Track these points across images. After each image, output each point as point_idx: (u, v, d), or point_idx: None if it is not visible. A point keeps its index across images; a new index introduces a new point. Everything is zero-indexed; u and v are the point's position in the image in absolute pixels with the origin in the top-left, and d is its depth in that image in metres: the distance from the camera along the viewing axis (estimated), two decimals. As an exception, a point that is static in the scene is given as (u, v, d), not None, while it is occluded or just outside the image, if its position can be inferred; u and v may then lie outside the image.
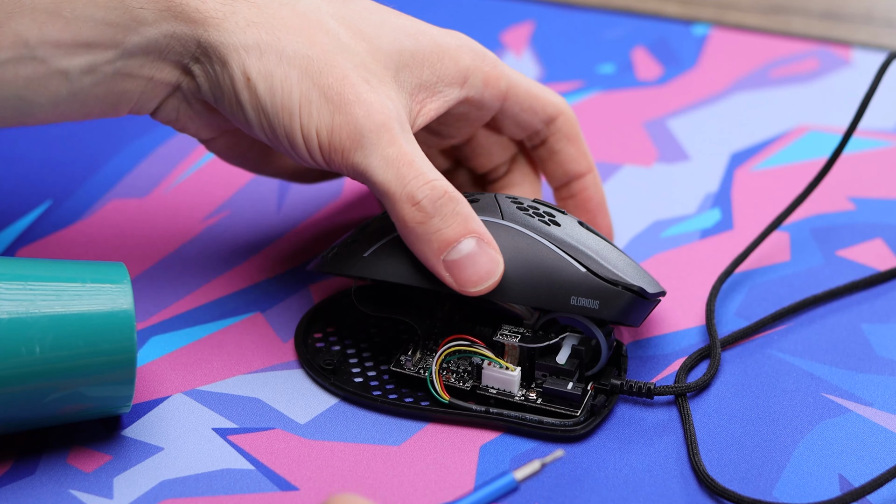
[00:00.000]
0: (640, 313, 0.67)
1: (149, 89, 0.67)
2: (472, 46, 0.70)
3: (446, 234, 0.65)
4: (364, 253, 0.67)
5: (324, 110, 0.65)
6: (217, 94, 0.67)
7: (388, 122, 0.65)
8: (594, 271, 0.65)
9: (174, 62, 0.67)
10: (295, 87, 0.65)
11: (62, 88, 0.65)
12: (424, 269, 0.66)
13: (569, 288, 0.65)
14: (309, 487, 0.63)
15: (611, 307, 0.65)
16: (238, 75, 0.65)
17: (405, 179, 0.64)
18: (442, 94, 0.68)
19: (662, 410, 0.67)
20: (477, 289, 0.65)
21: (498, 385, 0.66)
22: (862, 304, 0.73)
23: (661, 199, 0.81)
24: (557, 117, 0.72)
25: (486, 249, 0.65)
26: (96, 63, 0.65)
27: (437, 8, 0.97)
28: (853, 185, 0.81)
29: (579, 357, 0.66)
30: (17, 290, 0.61)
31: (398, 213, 0.65)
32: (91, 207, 0.79)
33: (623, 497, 0.63)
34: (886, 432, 0.66)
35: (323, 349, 0.69)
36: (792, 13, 0.99)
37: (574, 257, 0.66)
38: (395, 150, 0.65)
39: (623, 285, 0.65)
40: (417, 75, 0.68)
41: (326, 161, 0.66)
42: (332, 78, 0.65)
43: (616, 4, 1.00)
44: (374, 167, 0.65)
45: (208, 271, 0.75)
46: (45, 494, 0.63)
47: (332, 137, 0.65)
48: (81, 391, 0.62)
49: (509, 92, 0.71)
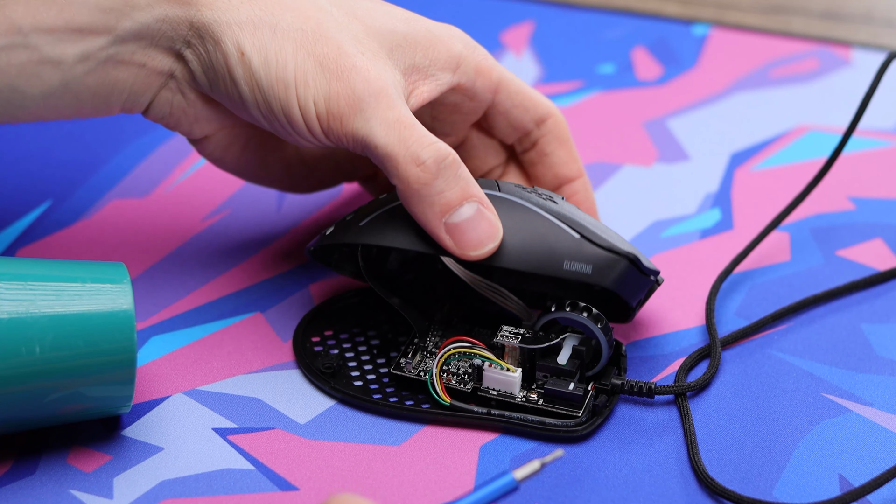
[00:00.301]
0: (635, 287, 0.66)
1: (141, 78, 0.67)
2: (463, 37, 0.70)
3: (449, 196, 0.65)
4: (360, 223, 0.67)
5: (320, 79, 0.65)
6: (210, 75, 0.67)
7: (385, 87, 0.65)
8: (588, 238, 0.65)
9: (166, 48, 0.67)
10: (290, 59, 0.65)
11: (54, 78, 0.65)
12: (422, 234, 0.66)
13: (562, 252, 0.65)
14: (309, 487, 0.63)
15: (604, 274, 0.65)
16: (232, 51, 0.65)
17: (408, 141, 0.64)
18: (434, 78, 0.69)
19: (663, 410, 0.67)
20: (477, 252, 0.65)
21: (499, 387, 0.66)
22: (862, 304, 0.73)
23: (661, 199, 0.81)
24: (549, 118, 0.72)
25: (486, 214, 0.65)
26: (89, 50, 0.65)
27: (438, 8, 0.97)
28: (853, 185, 0.81)
29: (580, 357, 0.66)
30: (17, 290, 0.61)
31: (402, 174, 0.65)
32: (91, 207, 0.79)
33: (623, 497, 0.63)
34: (886, 432, 0.66)
35: (321, 352, 0.69)
36: (792, 13, 0.99)
37: (569, 225, 0.66)
38: (395, 114, 0.65)
39: (616, 251, 0.65)
40: (410, 56, 0.68)
41: (325, 131, 0.66)
42: (327, 48, 0.66)
43: (616, 4, 1.00)
44: (376, 131, 0.65)
45: (208, 271, 0.75)
46: (45, 494, 0.63)
47: (329, 105, 0.65)
48: (81, 391, 0.62)
49: (501, 85, 0.71)
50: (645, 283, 0.67)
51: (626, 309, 0.69)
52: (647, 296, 0.68)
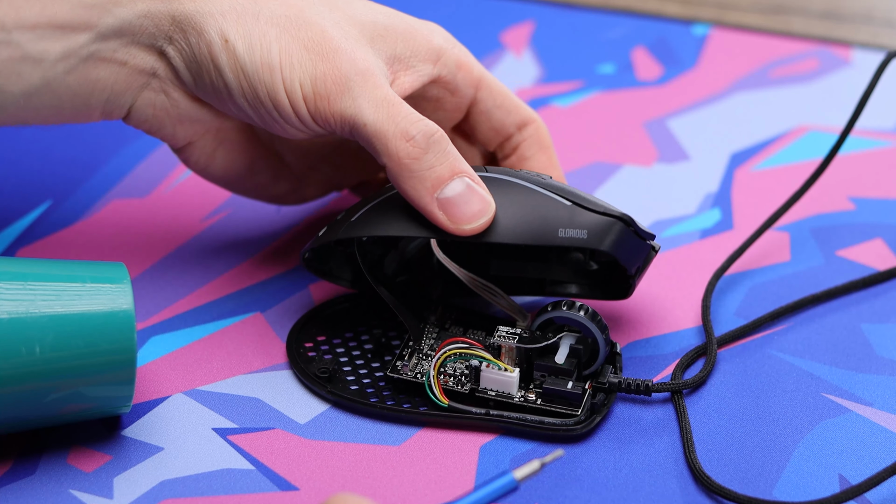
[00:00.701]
0: (632, 251, 0.66)
1: (122, 77, 0.67)
2: (443, 33, 0.71)
3: (439, 171, 0.65)
4: (352, 218, 0.67)
5: (305, 61, 0.65)
6: (194, 69, 0.67)
7: (371, 68, 0.66)
8: (580, 204, 0.65)
9: (147, 46, 0.67)
10: (274, 43, 0.66)
11: (35, 76, 0.65)
12: (415, 219, 0.66)
13: (556, 221, 0.65)
14: (309, 487, 0.63)
15: (599, 237, 0.65)
16: (216, 39, 0.66)
17: (397, 118, 0.65)
18: (415, 70, 0.69)
19: (660, 408, 0.67)
20: (471, 226, 0.65)
21: (497, 387, 0.66)
22: (862, 304, 0.73)
23: (661, 199, 0.81)
24: (530, 123, 0.72)
25: (477, 189, 0.65)
26: (70, 48, 0.65)
27: (438, 8, 0.97)
28: (853, 185, 0.81)
29: (577, 356, 0.66)
30: (17, 290, 0.61)
31: (391, 150, 0.65)
32: (91, 207, 0.79)
33: (623, 497, 0.63)
34: (886, 432, 0.66)
35: (316, 357, 0.69)
36: (792, 13, 0.99)
37: (559, 195, 0.66)
38: (383, 93, 0.65)
39: (610, 213, 0.65)
40: (391, 46, 0.68)
41: (312, 114, 0.66)
42: (311, 32, 0.66)
43: (616, 4, 1.00)
44: (364, 109, 0.65)
45: (208, 271, 0.75)
46: (45, 494, 0.63)
47: (316, 86, 0.65)
48: (81, 391, 0.62)
49: (482, 82, 0.71)
50: (642, 248, 0.67)
51: (626, 280, 0.68)
52: (646, 264, 0.68)
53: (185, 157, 0.71)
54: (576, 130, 0.86)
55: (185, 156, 0.71)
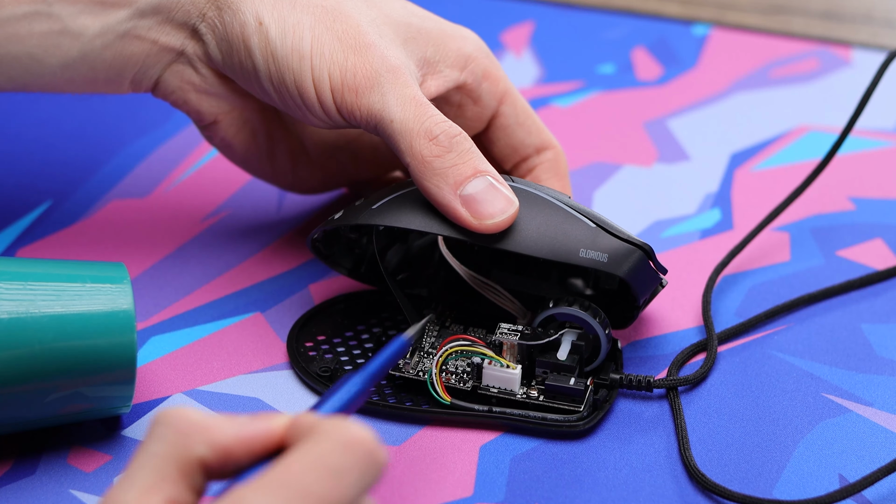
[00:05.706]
0: (646, 281, 0.67)
1: (153, 52, 0.68)
2: (476, 41, 0.71)
3: (462, 169, 0.65)
4: (373, 205, 0.67)
5: (337, 52, 0.66)
6: (224, 47, 0.68)
7: (402, 67, 0.66)
8: (604, 227, 0.66)
9: (181, 23, 0.68)
10: (307, 31, 0.66)
11: (73, 49, 0.67)
12: (435, 217, 0.66)
13: (578, 240, 0.65)
14: (309, 487, 0.63)
15: (619, 263, 0.65)
16: (250, 20, 0.66)
17: (422, 117, 0.65)
18: (442, 74, 0.69)
19: (661, 405, 0.67)
20: (494, 221, 0.65)
21: (499, 384, 0.66)
22: (862, 304, 0.73)
23: (661, 199, 0.81)
24: (550, 149, 0.73)
25: (500, 187, 0.65)
26: (108, 24, 0.67)
27: (438, 8, 0.97)
28: (853, 185, 0.81)
29: (579, 352, 0.66)
30: (17, 290, 0.61)
31: (415, 148, 0.65)
32: (91, 207, 0.79)
33: (623, 497, 0.63)
34: (886, 432, 0.66)
35: (316, 357, 0.69)
36: (792, 13, 0.99)
37: (584, 215, 0.66)
38: (411, 92, 0.66)
39: (633, 242, 0.66)
40: (423, 49, 0.69)
41: (338, 105, 0.66)
42: (346, 25, 0.67)
43: (616, 4, 1.00)
44: (392, 106, 0.65)
45: (208, 271, 0.75)
46: (45, 494, 0.63)
47: (345, 78, 0.66)
48: (81, 391, 0.62)
49: (507, 97, 0.71)
50: (654, 280, 0.67)
51: (629, 310, 0.69)
52: (652, 296, 0.68)
53: (210, 134, 0.72)
54: (576, 130, 0.86)
55: (209, 133, 0.72)
